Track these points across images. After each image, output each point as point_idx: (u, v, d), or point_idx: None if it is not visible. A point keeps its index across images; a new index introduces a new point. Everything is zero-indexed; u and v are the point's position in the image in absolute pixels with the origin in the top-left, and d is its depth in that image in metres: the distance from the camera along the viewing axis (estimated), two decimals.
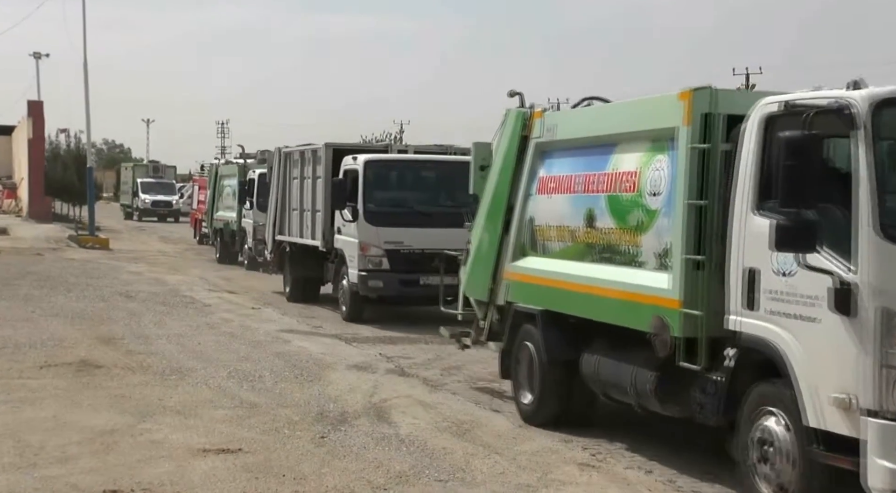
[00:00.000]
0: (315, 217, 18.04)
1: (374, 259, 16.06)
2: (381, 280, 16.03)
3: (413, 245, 16.06)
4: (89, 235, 33.92)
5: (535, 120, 10.13)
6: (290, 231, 19.46)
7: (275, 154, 20.48)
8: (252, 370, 11.93)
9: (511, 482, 7.73)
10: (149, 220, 54.03)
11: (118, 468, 7.75)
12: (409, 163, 17.58)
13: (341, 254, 16.84)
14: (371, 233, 16.13)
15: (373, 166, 16.57)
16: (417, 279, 15.87)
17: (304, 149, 18.92)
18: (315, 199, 18.08)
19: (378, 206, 16.42)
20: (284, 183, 19.78)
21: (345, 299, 16.82)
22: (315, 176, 18.13)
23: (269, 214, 20.54)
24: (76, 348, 13.09)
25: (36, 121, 47.63)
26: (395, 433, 9.12)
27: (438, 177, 17.19)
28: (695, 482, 7.85)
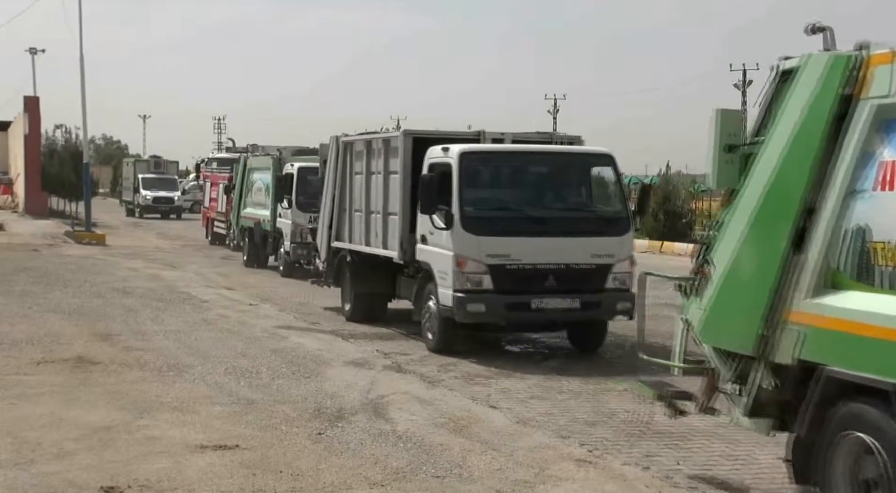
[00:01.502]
0: (388, 222, 14.66)
1: (474, 277, 12.71)
2: (483, 303, 12.69)
3: (522, 259, 12.76)
4: (86, 231, 33.87)
5: (871, 69, 6.41)
6: (352, 238, 16.08)
7: (330, 144, 16.90)
8: (249, 367, 11.93)
9: (508, 478, 7.73)
10: (150, 217, 52.43)
11: (115, 465, 7.75)
12: (517, 155, 14.04)
13: (427, 269, 13.49)
14: (470, 244, 12.72)
15: (471, 159, 13.23)
16: (528, 302, 12.73)
17: (372, 138, 15.53)
18: (388, 199, 14.68)
19: (478, 209, 13.05)
20: (343, 179, 16.35)
21: (432, 324, 13.46)
22: (388, 171, 14.70)
23: (323, 216, 17.09)
24: (73, 345, 13.08)
25: (32, 116, 47.57)
26: (393, 429, 9.13)
27: (551, 172, 14.10)
28: (692, 479, 7.85)
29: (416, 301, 13.97)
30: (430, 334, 13.54)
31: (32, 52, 50.40)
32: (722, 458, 8.48)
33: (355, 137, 16.23)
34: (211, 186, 34.33)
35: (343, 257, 16.39)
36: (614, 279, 12.95)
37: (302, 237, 22.10)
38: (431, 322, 13.46)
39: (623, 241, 13.27)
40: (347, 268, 16.26)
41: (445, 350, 13.16)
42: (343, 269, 16.43)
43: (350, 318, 16.04)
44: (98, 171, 77.55)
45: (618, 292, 12.99)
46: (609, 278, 12.93)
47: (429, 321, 13.53)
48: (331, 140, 16.89)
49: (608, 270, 12.94)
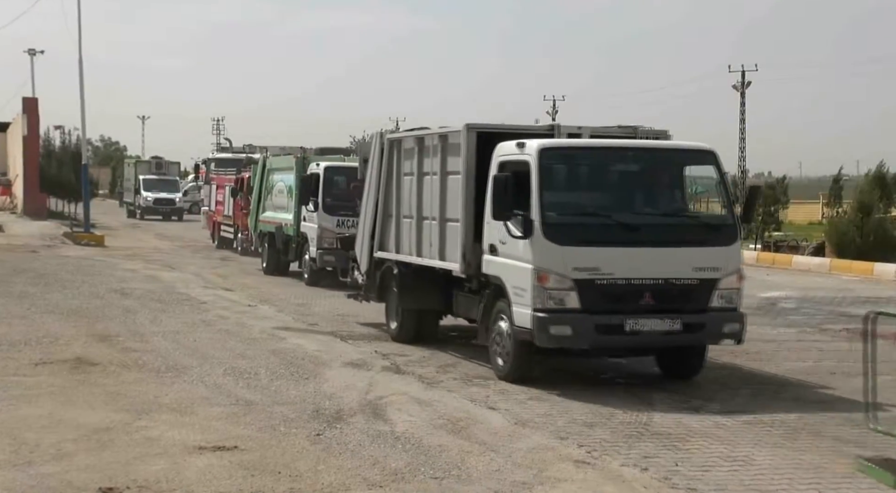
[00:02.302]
0: (446, 230, 12.90)
1: (558, 294, 10.89)
2: (569, 325, 10.88)
3: (615, 273, 10.96)
4: (84, 233, 33.87)
5: None
6: (400, 247, 14.18)
7: (373, 141, 15.03)
8: (248, 368, 11.93)
9: (507, 479, 7.73)
10: (152, 218, 51.94)
11: (114, 466, 7.75)
12: (606, 151, 12.19)
13: (498, 284, 11.69)
14: (553, 255, 10.91)
15: (552, 156, 11.53)
16: (621, 324, 10.93)
17: (425, 134, 13.72)
18: (446, 204, 12.89)
19: (562, 215, 11.27)
20: (389, 181, 14.46)
21: (504, 349, 11.58)
22: (445, 171, 12.93)
23: (364, 222, 15.16)
24: (72, 346, 13.08)
25: (31, 117, 47.56)
26: (391, 430, 9.13)
27: (645, 171, 12.29)
28: (690, 480, 7.85)
29: (482, 321, 12.07)
30: (500, 360, 11.68)
31: (31, 54, 50.41)
32: (720, 459, 8.48)
33: (404, 133, 14.48)
34: (217, 189, 33.19)
35: (388, 270, 14.50)
36: (720, 297, 11.23)
37: (329, 243, 20.92)
38: (503, 346, 11.58)
39: (730, 252, 11.42)
40: (394, 282, 14.34)
41: (520, 379, 11.39)
42: (388, 282, 14.55)
43: (397, 337, 14.28)
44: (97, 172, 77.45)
45: (724, 311, 11.27)
46: (714, 296, 11.20)
47: (499, 345, 11.65)
48: (373, 137, 15.08)
49: (713, 285, 11.18)
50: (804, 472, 8.14)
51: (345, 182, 20.86)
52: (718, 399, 10.91)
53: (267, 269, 24.44)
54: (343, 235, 19.59)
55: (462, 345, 14.07)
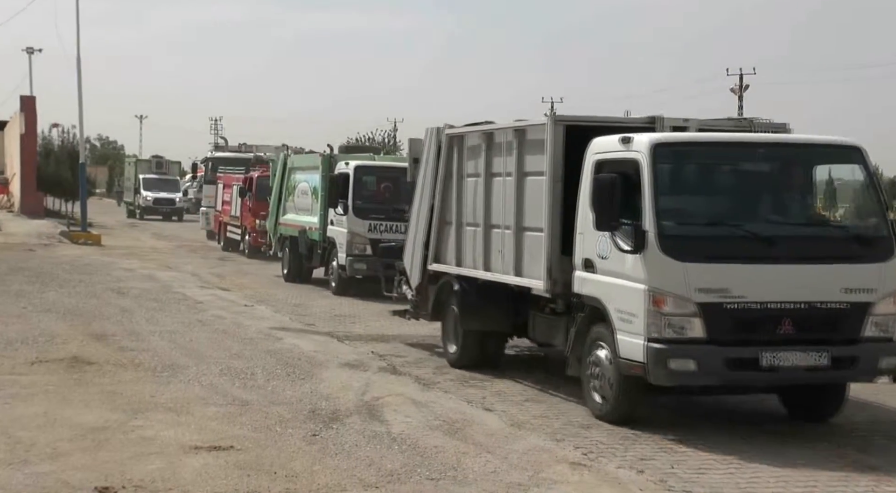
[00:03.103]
0: (523, 240, 11.20)
1: (678, 320, 9.08)
2: (693, 358, 9.07)
3: (747, 295, 9.12)
4: (81, 232, 33.83)
5: None
6: (462, 259, 12.47)
7: (427, 138, 13.28)
8: (244, 368, 11.92)
9: (503, 480, 7.73)
10: (151, 218, 51.24)
11: (109, 465, 7.75)
12: (734, 147, 10.26)
13: (595, 307, 9.92)
14: (672, 273, 9.10)
15: (668, 153, 9.70)
16: (756, 358, 9.10)
17: (496, 129, 11.99)
18: (523, 209, 11.20)
19: (682, 224, 9.50)
20: (447, 183, 12.78)
21: (603, 384, 9.80)
22: (523, 171, 11.23)
23: (416, 230, 13.40)
24: (68, 345, 13.06)
25: (28, 116, 47.51)
26: (387, 431, 9.12)
27: (779, 172, 10.40)
28: (685, 483, 7.86)
29: (574, 350, 10.26)
30: (598, 396, 9.88)
31: (29, 52, 50.45)
32: (716, 462, 8.48)
33: (467, 128, 12.64)
34: (224, 189, 31.92)
35: (447, 285, 12.73)
36: (875, 324, 9.36)
37: (360, 249, 19.49)
38: (603, 381, 9.78)
39: (885, 269, 9.49)
40: (454, 299, 12.54)
41: (624, 421, 9.63)
42: (446, 300, 12.77)
43: (456, 363, 12.47)
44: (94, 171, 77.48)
45: (880, 342, 9.44)
46: (867, 323, 9.33)
47: (598, 380, 9.87)
48: (427, 133, 13.28)
49: (866, 310, 9.33)
50: (800, 474, 8.14)
51: (375, 183, 20.29)
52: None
53: (288, 276, 22.76)
54: (379, 241, 18.83)
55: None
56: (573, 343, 10.30)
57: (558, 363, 12.39)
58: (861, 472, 8.34)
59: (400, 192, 19.20)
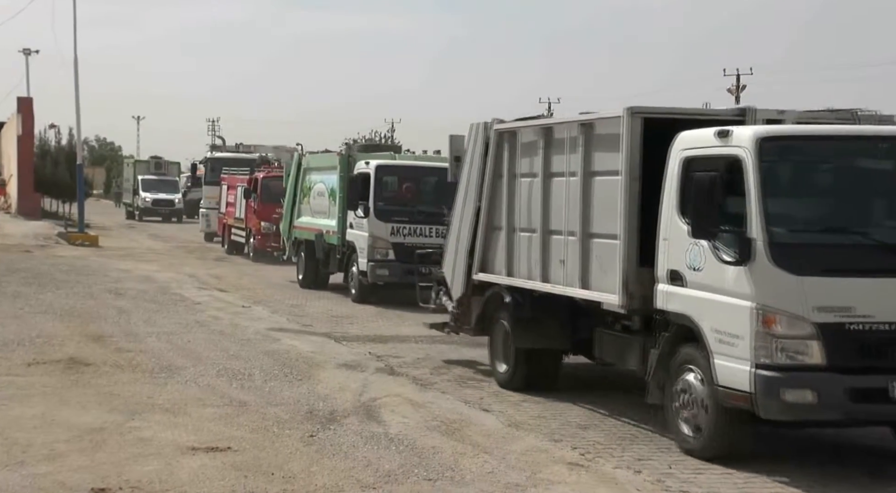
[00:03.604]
0: (591, 248, 9.98)
1: (793, 344, 7.92)
2: (812, 388, 7.87)
3: (875, 314, 8.00)
4: (79, 233, 33.80)
5: None
6: (514, 269, 11.26)
7: (471, 134, 12.14)
8: (241, 369, 11.91)
9: (500, 481, 7.73)
10: (151, 220, 50.86)
11: (106, 466, 7.74)
12: (849, 142, 8.84)
13: (684, 325, 8.67)
14: (786, 288, 7.95)
15: (775, 149, 8.38)
16: (886, 387, 7.95)
17: (555, 123, 10.97)
18: (591, 213, 10.00)
19: (795, 231, 8.30)
20: (496, 183, 11.62)
21: (697, 415, 8.53)
22: (590, 171, 10.03)
23: (456, 236, 12.23)
24: (65, 346, 13.05)
25: (25, 117, 47.47)
26: (385, 431, 9.12)
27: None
28: (683, 483, 7.86)
29: (655, 374, 8.99)
30: (688, 429, 8.62)
31: (26, 53, 50.39)
32: (714, 462, 8.47)
33: (520, 122, 11.55)
34: (228, 190, 31.20)
35: (496, 297, 11.56)
36: None
37: (382, 254, 18.47)
38: (695, 411, 8.54)
39: None
40: (505, 313, 11.37)
41: (723, 457, 8.41)
42: (495, 314, 11.60)
43: (508, 383, 11.29)
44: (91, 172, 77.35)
45: None
46: None
47: (688, 409, 8.62)
48: (472, 129, 12.15)
49: None
50: (797, 473, 8.14)
51: (397, 183, 19.34)
52: None
53: (304, 281, 21.74)
54: (402, 245, 18.19)
55: (457, 345, 14.07)
56: (655, 367, 8.97)
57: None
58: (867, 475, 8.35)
59: (422, 193, 19.10)
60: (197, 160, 41.80)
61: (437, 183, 18.54)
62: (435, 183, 18.86)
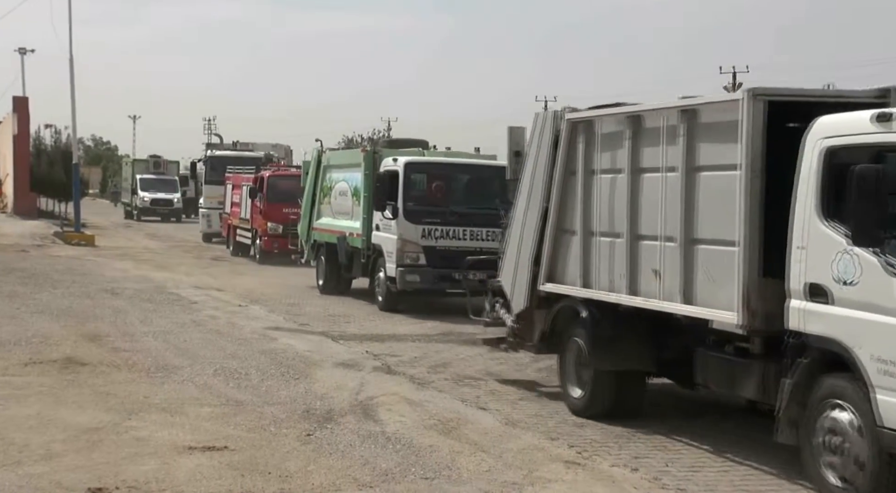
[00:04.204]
0: (696, 256, 8.57)
1: None
2: None
3: None
4: (75, 232, 33.78)
5: None
6: (592, 279, 9.91)
7: (537, 125, 10.81)
8: (238, 368, 11.91)
9: (497, 479, 7.73)
10: (149, 220, 50.33)
11: (103, 466, 7.73)
12: None
13: (835, 351, 7.25)
14: None
15: None
16: None
17: (646, 110, 9.38)
18: (695, 215, 8.59)
19: None
20: (568, 181, 10.29)
21: (847, 461, 7.17)
22: (695, 165, 8.61)
23: (518, 241, 10.86)
24: (61, 346, 13.04)
25: (21, 117, 47.47)
26: (382, 430, 9.12)
27: None
28: (680, 481, 7.87)
29: (788, 409, 7.60)
30: (834, 478, 7.27)
31: (21, 53, 50.34)
32: (710, 460, 8.49)
33: (600, 111, 10.13)
34: (233, 189, 30.37)
35: (567, 312, 10.26)
36: None
37: (413, 259, 17.08)
38: (844, 457, 7.20)
39: None
40: (579, 329, 10.02)
41: None
42: (566, 329, 10.28)
43: (584, 410, 9.91)
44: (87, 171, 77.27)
45: None
46: None
47: (835, 454, 7.28)
48: (537, 120, 10.83)
49: None
50: (793, 473, 8.15)
51: (426, 181, 18.10)
52: None
53: (324, 287, 20.37)
54: (433, 248, 17.04)
55: (453, 344, 14.08)
56: (787, 400, 7.59)
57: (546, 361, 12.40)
58: None
59: (452, 191, 17.98)
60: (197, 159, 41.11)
61: (470, 181, 18.17)
62: (467, 181, 18.39)
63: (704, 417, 10.09)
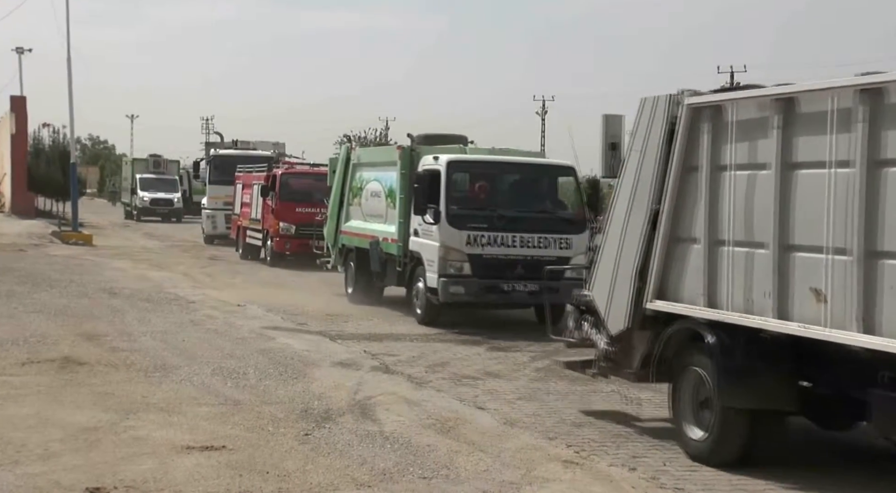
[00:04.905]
0: (880, 274, 7.06)
1: None
2: None
3: None
4: (73, 232, 33.76)
5: None
6: (722, 298, 8.32)
7: (645, 112, 9.25)
8: (236, 367, 11.90)
9: (495, 479, 7.74)
10: (149, 220, 49.69)
11: (101, 466, 7.73)
12: None
13: None
14: None
15: None
16: None
17: (802, 92, 7.81)
18: (880, 224, 7.11)
19: None
20: (685, 179, 8.80)
21: None
22: (878, 159, 7.12)
23: (617, 250, 9.39)
24: (59, 345, 13.03)
25: (19, 116, 47.44)
26: (380, 430, 9.12)
27: None
28: (678, 480, 7.87)
29: None
30: None
31: (19, 52, 50.24)
32: None
33: (735, 94, 8.64)
34: (243, 189, 29.06)
35: (684, 335, 8.65)
36: None
37: (457, 268, 15.41)
38: None
39: None
40: (704, 358, 8.34)
41: None
42: (686, 357, 8.62)
43: (711, 457, 8.32)
44: (85, 171, 77.33)
45: None
46: None
47: None
48: (645, 106, 9.27)
49: None
50: (791, 473, 8.16)
51: (469, 181, 16.54)
52: None
53: (354, 295, 18.80)
54: (479, 256, 15.29)
55: (451, 344, 14.08)
56: None
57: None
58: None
59: (499, 193, 16.41)
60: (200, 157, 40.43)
61: (519, 182, 16.76)
62: (516, 182, 16.85)
63: None
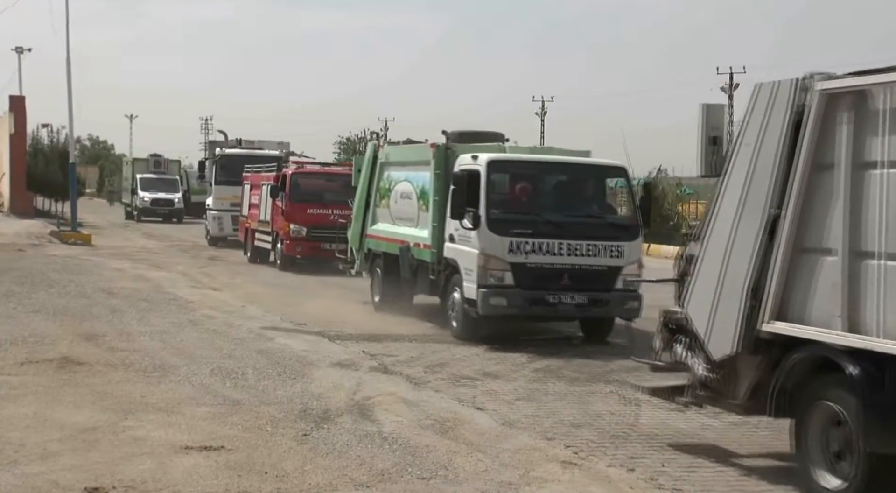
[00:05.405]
0: None
1: None
2: None
3: None
4: (72, 232, 33.76)
5: None
6: (868, 321, 6.96)
7: (760, 99, 7.95)
8: (235, 367, 11.90)
9: (493, 479, 7.74)
10: (150, 220, 49.21)
11: (99, 466, 7.73)
12: None
13: None
14: None
15: None
16: None
17: None
18: None
19: None
20: (819, 179, 7.51)
21: None
22: None
23: (722, 262, 8.11)
24: (58, 345, 13.02)
25: (18, 116, 47.49)
26: (378, 430, 9.12)
27: None
28: (676, 481, 7.87)
29: None
30: None
31: (18, 52, 50.31)
32: (706, 460, 8.50)
33: (881, 77, 7.03)
34: (251, 190, 28.09)
35: (811, 364, 7.45)
36: None
37: (498, 278, 13.98)
38: None
39: None
40: (841, 392, 7.11)
41: None
42: (815, 389, 7.40)
43: None
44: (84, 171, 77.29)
45: None
46: None
47: None
48: (760, 92, 7.94)
49: None
50: (790, 472, 8.16)
51: (509, 183, 15.03)
52: None
53: (381, 303, 17.41)
54: (523, 265, 13.92)
55: (450, 344, 14.07)
56: None
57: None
58: None
59: (544, 196, 15.16)
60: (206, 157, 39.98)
61: (564, 183, 15.42)
62: (561, 183, 15.47)
63: (700, 419, 10.08)
